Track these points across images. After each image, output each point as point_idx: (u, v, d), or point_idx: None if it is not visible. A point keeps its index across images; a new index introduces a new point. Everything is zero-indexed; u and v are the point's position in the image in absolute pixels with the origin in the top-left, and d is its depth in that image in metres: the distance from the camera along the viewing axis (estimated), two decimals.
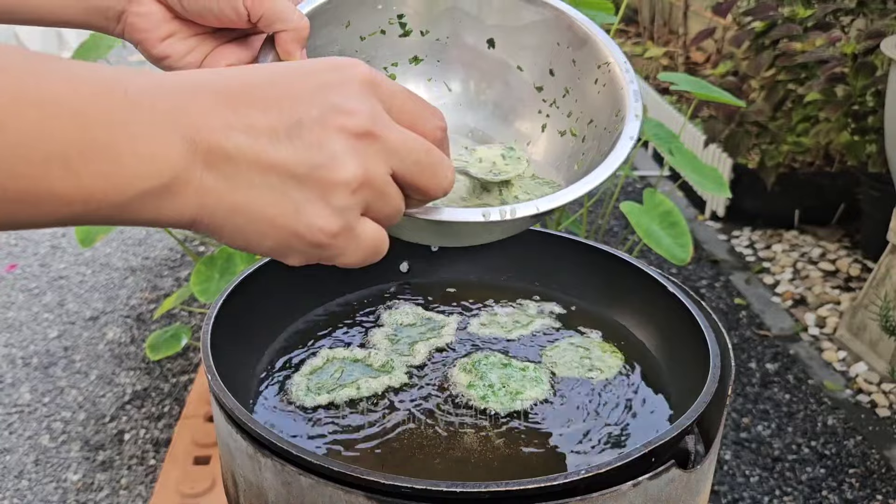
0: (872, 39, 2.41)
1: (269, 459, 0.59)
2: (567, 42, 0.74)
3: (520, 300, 0.91)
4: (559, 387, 0.77)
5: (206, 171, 0.41)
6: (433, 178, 0.47)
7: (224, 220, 0.43)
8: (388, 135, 0.44)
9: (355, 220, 0.45)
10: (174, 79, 0.42)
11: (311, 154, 0.42)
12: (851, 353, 2.20)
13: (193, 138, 0.41)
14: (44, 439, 1.92)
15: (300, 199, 0.43)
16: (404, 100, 0.47)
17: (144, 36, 0.66)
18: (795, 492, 1.76)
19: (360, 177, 0.43)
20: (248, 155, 0.42)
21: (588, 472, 0.55)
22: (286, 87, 0.43)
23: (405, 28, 0.77)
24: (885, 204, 2.34)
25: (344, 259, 0.46)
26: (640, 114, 0.68)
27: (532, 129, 0.78)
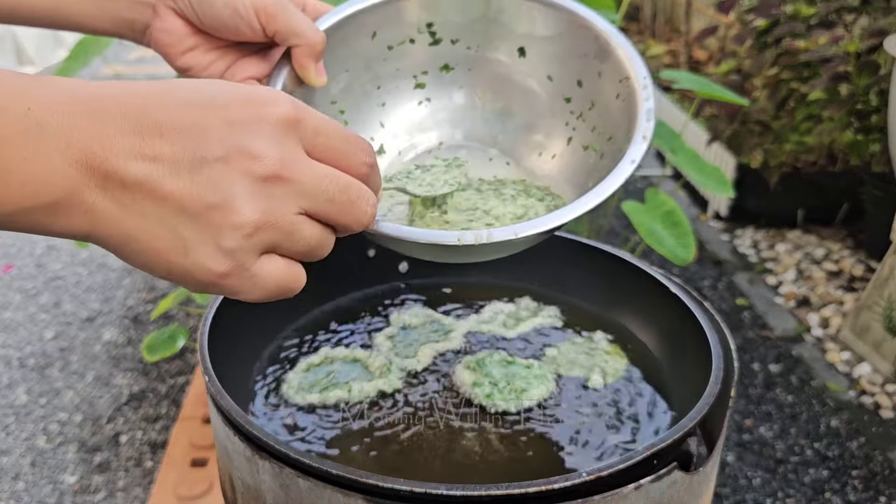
0: (876, 38, 2.40)
1: (267, 462, 0.59)
2: (594, 53, 0.72)
3: (520, 300, 0.90)
4: (561, 386, 0.76)
5: (100, 196, 0.40)
6: (349, 215, 0.47)
7: (116, 245, 0.42)
8: (298, 176, 0.44)
9: (250, 260, 0.44)
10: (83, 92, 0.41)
11: (206, 193, 0.41)
12: (855, 354, 2.19)
13: (90, 162, 0.40)
14: (40, 441, 1.91)
15: (190, 238, 0.42)
16: (328, 136, 0.46)
17: (168, 49, 0.69)
18: (798, 494, 1.75)
19: (255, 221, 0.43)
20: (145, 184, 0.40)
21: (590, 475, 0.55)
22: (197, 119, 0.42)
23: (435, 37, 0.76)
24: (888, 203, 2.33)
25: (243, 297, 0.46)
26: (648, 135, 0.66)
27: (558, 142, 0.76)
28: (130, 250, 0.43)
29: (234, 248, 0.43)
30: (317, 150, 0.46)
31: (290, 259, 0.46)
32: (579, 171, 0.74)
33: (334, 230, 0.48)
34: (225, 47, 0.70)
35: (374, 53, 0.76)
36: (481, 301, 0.90)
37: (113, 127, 0.40)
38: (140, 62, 5.21)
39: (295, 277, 0.47)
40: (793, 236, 2.82)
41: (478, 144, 0.79)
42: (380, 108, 0.78)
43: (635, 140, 0.65)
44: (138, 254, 0.43)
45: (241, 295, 0.46)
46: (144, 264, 0.43)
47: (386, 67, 0.77)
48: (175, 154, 0.41)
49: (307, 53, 0.68)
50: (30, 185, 0.39)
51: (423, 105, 0.79)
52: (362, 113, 0.77)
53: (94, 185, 0.40)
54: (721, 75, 2.98)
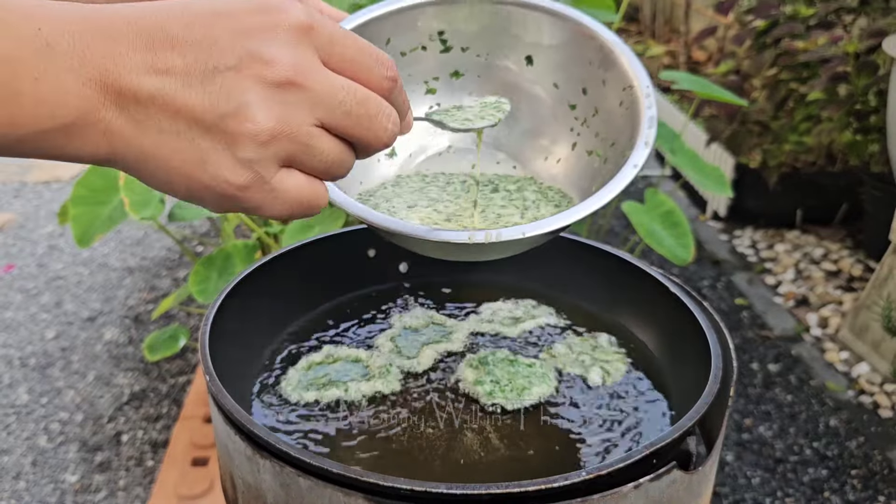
0: (874, 38, 2.40)
1: (268, 461, 0.59)
2: (598, 62, 0.75)
3: (520, 300, 0.91)
4: (562, 385, 0.77)
5: (116, 114, 0.40)
6: (368, 130, 0.45)
7: (135, 164, 0.42)
8: (312, 84, 0.43)
9: (269, 172, 0.43)
10: (96, 15, 0.40)
11: (219, 102, 0.41)
12: (854, 354, 2.19)
13: (104, 80, 0.39)
14: (41, 440, 1.91)
15: (207, 149, 0.42)
16: (345, 46, 0.45)
17: None
18: (797, 493, 1.76)
19: (270, 129, 0.42)
20: (158, 98, 0.40)
21: (589, 474, 0.55)
22: (208, 28, 0.41)
23: (446, 44, 0.79)
24: (887, 204, 2.33)
25: (264, 212, 0.45)
26: (650, 142, 0.68)
27: (563, 146, 0.79)
28: (149, 169, 0.42)
29: (252, 157, 0.42)
30: (333, 60, 0.44)
31: (310, 175, 0.45)
32: (583, 176, 0.76)
33: (353, 148, 0.47)
34: None
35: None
36: (482, 301, 0.91)
37: (125, 44, 0.40)
38: None
39: (317, 193, 0.46)
40: (792, 236, 2.82)
41: (486, 148, 0.81)
42: None
43: (638, 146, 0.68)
44: (157, 171, 0.42)
45: (264, 209, 0.45)
46: (164, 183, 0.43)
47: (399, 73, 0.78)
48: (187, 66, 0.40)
49: None
50: (44, 106, 0.39)
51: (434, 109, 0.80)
52: None
53: (109, 102, 0.40)
54: (720, 76, 2.98)
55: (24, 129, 0.39)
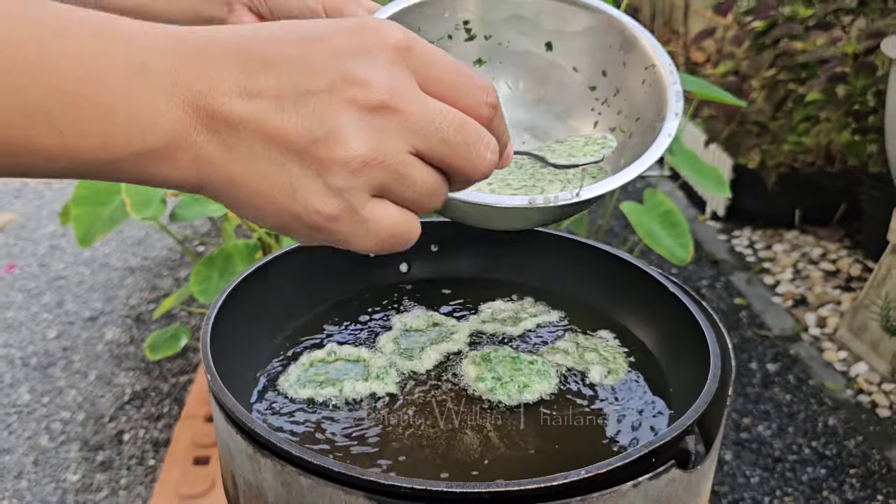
0: (873, 39, 2.40)
1: (269, 460, 0.59)
2: (619, 45, 0.79)
3: (519, 300, 0.91)
4: (563, 383, 0.77)
5: (208, 138, 0.39)
6: (465, 159, 0.43)
7: (225, 191, 0.41)
8: (408, 108, 0.40)
9: (360, 201, 0.41)
10: (190, 37, 0.39)
11: (312, 126, 0.39)
12: (852, 354, 2.20)
13: (196, 103, 0.38)
14: (43, 440, 1.91)
15: (297, 175, 0.40)
16: (443, 70, 0.43)
17: None
18: (796, 492, 1.76)
19: (362, 155, 0.39)
20: (250, 122, 0.39)
21: (588, 473, 0.55)
22: (302, 50, 0.40)
23: (470, 33, 0.83)
24: (885, 204, 2.33)
25: (353, 245, 0.43)
26: (679, 112, 0.72)
27: (585, 125, 0.83)
28: (239, 196, 0.41)
29: (343, 185, 0.40)
30: (430, 84, 0.42)
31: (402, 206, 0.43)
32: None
33: (448, 178, 0.44)
34: None
35: None
36: (481, 301, 0.91)
37: (218, 65, 0.39)
38: None
39: (409, 226, 0.44)
40: (790, 236, 2.82)
41: (513, 129, 0.84)
42: None
43: (669, 117, 0.73)
44: (247, 199, 0.40)
45: (353, 242, 0.42)
46: (253, 210, 0.41)
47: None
48: (280, 88, 0.39)
49: None
50: (137, 128, 0.37)
51: None
52: None
53: (201, 126, 0.39)
54: (719, 76, 2.99)
55: (117, 152, 0.38)
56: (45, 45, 0.36)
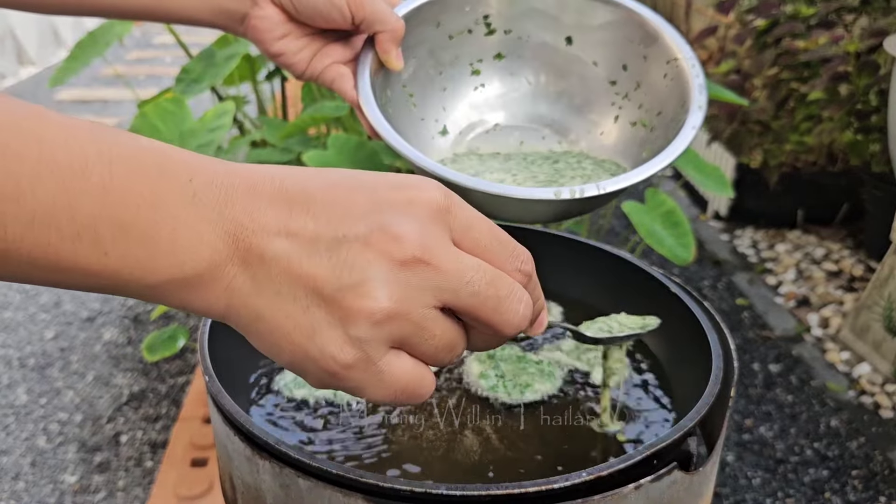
0: (876, 38, 2.40)
1: (267, 462, 0.59)
2: (639, 39, 0.79)
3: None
4: (565, 384, 0.77)
5: (241, 270, 0.40)
6: (497, 313, 0.43)
7: (248, 323, 0.41)
8: (440, 263, 0.41)
9: (378, 353, 0.41)
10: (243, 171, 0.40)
11: (341, 274, 0.39)
12: (855, 354, 2.19)
13: (237, 235, 0.39)
14: (40, 441, 1.91)
15: (320, 320, 0.40)
16: (480, 232, 0.43)
17: (263, 36, 0.74)
18: (798, 494, 1.75)
19: (388, 308, 0.40)
20: (283, 261, 0.39)
21: (589, 475, 0.55)
22: (345, 196, 0.41)
23: (490, 27, 0.83)
24: (888, 204, 2.33)
25: (366, 394, 0.43)
26: (703, 105, 0.73)
27: (605, 119, 0.84)
28: (259, 330, 0.41)
29: (363, 336, 0.40)
30: (465, 244, 0.43)
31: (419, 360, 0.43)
32: (630, 144, 0.81)
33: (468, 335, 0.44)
34: (313, 34, 0.76)
35: (437, 42, 0.83)
36: None
37: (265, 201, 0.39)
38: (139, 62, 5.21)
39: (423, 380, 0.43)
40: (792, 236, 2.82)
41: (531, 125, 0.86)
42: (441, 92, 0.85)
43: (693, 110, 0.73)
44: (266, 334, 0.41)
45: (365, 392, 0.42)
46: (270, 346, 0.41)
47: (446, 55, 0.84)
48: (317, 231, 0.40)
49: (390, 39, 0.74)
50: (177, 256, 0.38)
51: (479, 90, 0.86)
52: (427, 97, 0.84)
53: (238, 258, 0.39)
54: (721, 75, 2.98)
55: (154, 276, 0.38)
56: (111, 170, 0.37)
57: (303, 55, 0.76)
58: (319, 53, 0.77)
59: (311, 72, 0.78)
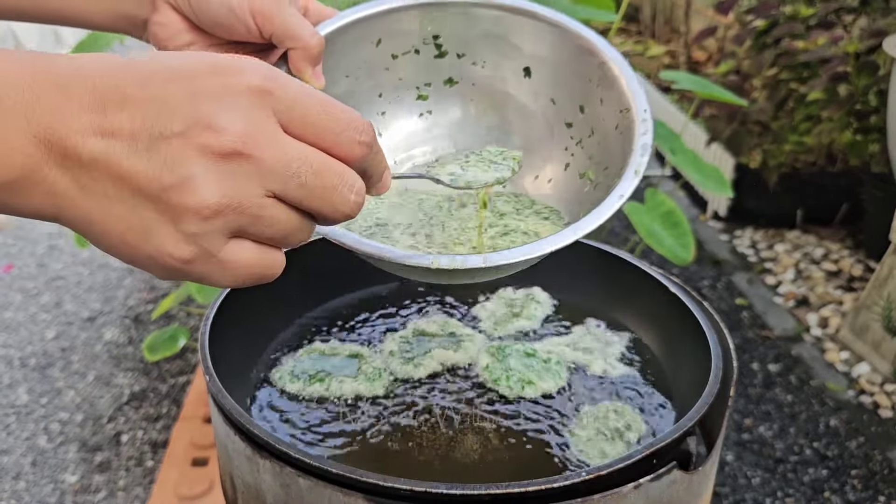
0: (875, 38, 2.40)
1: (268, 461, 0.59)
2: (598, 79, 0.72)
3: (520, 299, 0.90)
4: (565, 384, 0.77)
5: (61, 174, 0.38)
6: (324, 202, 0.43)
7: (81, 227, 0.40)
8: (262, 154, 0.40)
9: (215, 245, 0.41)
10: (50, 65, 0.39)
11: (163, 173, 0.39)
12: (854, 354, 2.19)
13: (49, 139, 0.38)
14: (41, 440, 1.91)
15: (150, 219, 0.39)
16: (308, 110, 0.42)
17: (165, 44, 0.69)
18: (798, 493, 1.75)
19: (215, 203, 0.39)
20: (102, 163, 0.38)
21: (589, 474, 0.55)
22: (161, 89, 0.39)
23: (440, 49, 0.76)
24: (887, 204, 2.33)
25: (214, 282, 0.43)
26: (640, 170, 0.65)
27: (556, 166, 0.76)
28: (94, 233, 0.41)
29: (196, 231, 0.40)
30: (293, 125, 0.42)
31: (264, 244, 0.43)
32: (573, 199, 0.74)
33: (313, 217, 0.44)
34: (223, 45, 0.69)
35: (378, 61, 0.75)
36: (478, 297, 0.90)
37: (76, 100, 0.38)
38: None
39: (269, 264, 0.44)
40: (792, 236, 2.82)
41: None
42: (380, 116, 0.78)
43: (626, 175, 0.65)
44: (101, 237, 0.41)
45: (212, 280, 0.43)
46: (108, 248, 0.41)
47: (389, 76, 0.77)
48: (134, 129, 0.38)
49: (303, 57, 0.67)
50: None
51: (424, 117, 0.79)
52: None
53: (54, 163, 0.38)
54: (720, 76, 2.98)
55: None
56: None
57: None
58: None
59: None
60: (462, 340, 0.82)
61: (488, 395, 0.74)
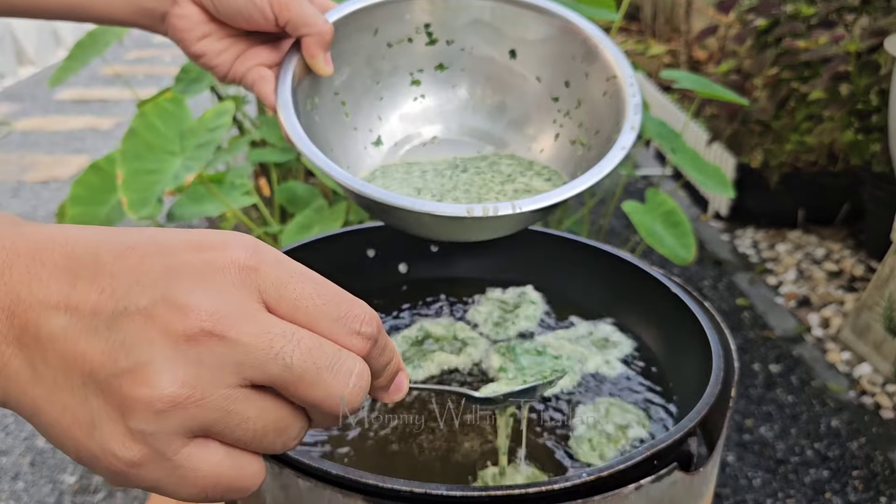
0: (876, 37, 2.40)
1: (267, 462, 0.58)
2: (581, 56, 0.78)
3: (520, 299, 0.90)
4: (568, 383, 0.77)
5: (16, 352, 0.34)
6: (317, 388, 0.35)
7: (29, 415, 0.35)
8: (237, 335, 0.34)
9: (170, 447, 0.34)
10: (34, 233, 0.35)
11: (117, 356, 0.33)
12: (855, 355, 2.19)
13: (13, 310, 0.34)
14: (40, 441, 1.91)
15: (98, 412, 0.34)
16: (300, 293, 0.36)
17: (184, 35, 0.71)
18: (799, 494, 1.75)
19: (171, 395, 0.33)
20: (58, 341, 0.33)
21: (590, 475, 0.55)
22: (137, 262, 0.35)
23: (431, 37, 0.82)
24: (889, 203, 2.33)
25: (170, 493, 0.36)
26: (636, 126, 0.71)
27: (546, 136, 0.82)
28: (41, 424, 0.35)
29: (146, 430, 0.33)
30: (282, 308, 0.36)
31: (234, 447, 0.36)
32: (568, 163, 0.79)
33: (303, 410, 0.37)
34: (237, 35, 0.73)
35: (375, 50, 0.80)
36: (476, 293, 0.90)
37: (48, 269, 0.34)
38: (138, 62, 5.22)
39: (240, 472, 0.36)
40: (793, 236, 2.82)
41: (470, 139, 0.84)
42: (378, 101, 0.83)
43: (625, 130, 0.71)
44: (47, 429, 0.35)
45: (167, 491, 0.36)
46: (55, 442, 0.36)
47: (385, 64, 0.82)
48: (99, 303, 0.34)
49: (316, 43, 0.71)
50: None
51: (419, 101, 0.84)
52: (362, 106, 0.82)
53: (13, 337, 0.34)
54: (721, 75, 2.98)
55: None
56: None
57: (225, 57, 0.73)
58: (244, 55, 0.74)
59: (234, 74, 0.74)
60: (466, 344, 0.82)
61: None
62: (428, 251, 0.94)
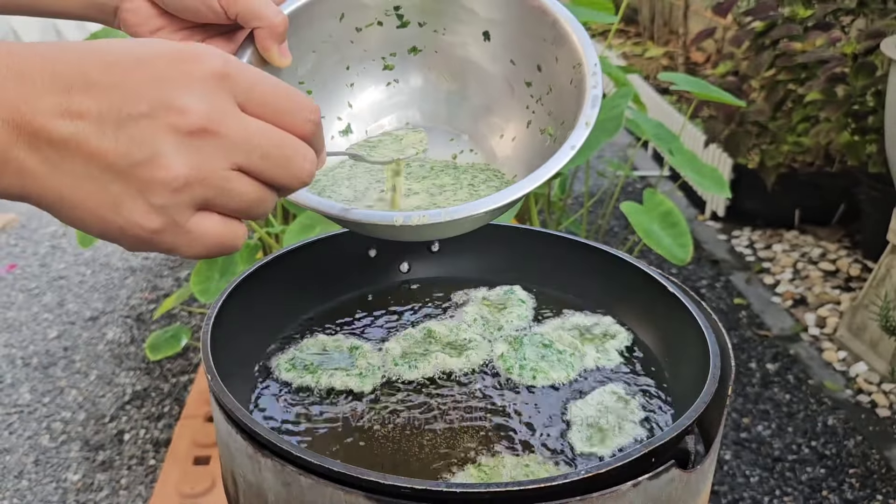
0: (872, 39, 2.40)
1: (269, 459, 0.59)
2: (551, 39, 0.74)
3: (520, 299, 0.91)
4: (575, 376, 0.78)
5: (29, 154, 0.41)
6: (285, 171, 0.47)
7: (50, 204, 0.43)
8: (227, 130, 0.43)
9: (183, 216, 0.44)
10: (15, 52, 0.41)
11: (132, 150, 0.41)
12: (852, 354, 2.20)
13: (16, 121, 0.40)
14: (44, 439, 1.92)
15: (120, 194, 0.42)
16: (265, 92, 0.46)
17: (136, 29, 0.71)
18: (795, 492, 1.76)
19: (183, 176, 0.42)
20: (71, 142, 0.41)
21: (588, 473, 0.55)
22: (125, 74, 0.42)
23: (402, 19, 0.79)
24: (885, 204, 2.34)
25: (181, 253, 0.46)
26: (591, 122, 0.67)
27: (519, 124, 0.79)
28: (64, 209, 0.43)
29: (165, 203, 0.43)
30: (251, 106, 0.45)
31: (228, 216, 0.46)
32: (535, 155, 0.75)
33: (274, 188, 0.48)
34: (191, 28, 0.71)
35: (342, 35, 0.78)
36: (479, 300, 0.91)
37: (39, 85, 0.40)
38: None
39: (234, 235, 0.47)
40: (790, 236, 2.83)
41: (442, 126, 0.82)
42: (348, 88, 0.81)
43: (578, 126, 0.67)
44: (71, 213, 0.43)
45: (179, 251, 0.45)
46: (79, 223, 0.44)
47: (354, 49, 0.80)
48: (101, 111, 0.41)
49: (269, 35, 0.69)
50: None
51: (392, 86, 0.82)
52: (330, 93, 0.80)
53: (23, 143, 0.40)
54: (718, 77, 2.99)
55: None
56: None
57: None
58: None
59: None
60: (467, 347, 0.82)
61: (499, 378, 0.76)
62: (429, 251, 0.94)
